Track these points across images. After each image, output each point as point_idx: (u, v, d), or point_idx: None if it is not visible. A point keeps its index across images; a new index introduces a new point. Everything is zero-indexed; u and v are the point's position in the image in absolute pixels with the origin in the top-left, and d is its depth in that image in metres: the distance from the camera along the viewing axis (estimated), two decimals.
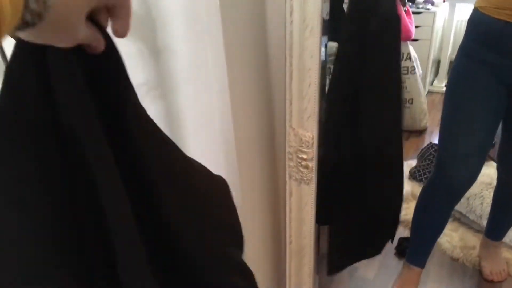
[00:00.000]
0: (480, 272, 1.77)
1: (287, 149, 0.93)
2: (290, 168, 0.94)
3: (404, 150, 1.41)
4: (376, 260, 1.87)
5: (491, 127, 1.34)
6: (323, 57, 0.86)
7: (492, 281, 1.73)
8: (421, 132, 2.99)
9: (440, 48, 3.67)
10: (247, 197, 0.95)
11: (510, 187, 1.55)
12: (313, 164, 0.91)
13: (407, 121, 2.96)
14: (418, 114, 2.92)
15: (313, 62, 0.81)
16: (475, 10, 1.24)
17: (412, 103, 2.89)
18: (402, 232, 2.01)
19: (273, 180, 1.05)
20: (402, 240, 1.96)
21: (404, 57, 2.78)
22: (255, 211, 1.01)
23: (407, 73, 2.83)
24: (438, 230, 1.55)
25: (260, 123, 0.95)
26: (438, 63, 3.80)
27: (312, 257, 1.01)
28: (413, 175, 2.41)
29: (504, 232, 1.74)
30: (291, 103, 0.87)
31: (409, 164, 2.52)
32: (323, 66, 0.88)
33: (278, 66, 0.90)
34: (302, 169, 0.92)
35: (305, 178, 0.92)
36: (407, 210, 2.08)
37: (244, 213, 0.96)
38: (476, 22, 1.24)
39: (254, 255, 1.03)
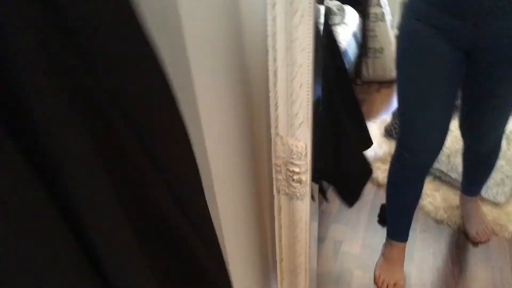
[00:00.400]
0: (465, 234, 1.72)
1: (274, 161, 0.75)
2: (279, 181, 0.77)
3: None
4: (360, 233, 1.78)
5: (449, 98, 1.19)
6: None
7: (479, 242, 1.68)
8: (392, 82, 2.86)
9: None
10: (225, 210, 0.78)
11: (475, 151, 1.49)
12: (307, 177, 0.73)
13: (378, 72, 2.81)
14: (389, 63, 2.77)
15: (304, 56, 0.62)
16: None
17: (382, 52, 2.73)
18: (383, 197, 1.91)
19: (255, 193, 0.87)
20: (384, 206, 1.87)
21: (374, 3, 2.58)
22: (237, 228, 0.85)
23: (376, 20, 2.64)
24: (413, 203, 1.46)
25: (237, 130, 0.76)
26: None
27: (308, 275, 0.86)
28: (389, 132, 2.29)
29: (478, 189, 1.69)
30: (276, 108, 0.68)
31: (383, 121, 2.40)
32: None
33: (258, 63, 0.70)
34: (294, 184, 0.74)
35: (298, 194, 0.75)
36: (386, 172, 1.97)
37: (223, 230, 0.80)
38: None
39: (239, 272, 0.87)
